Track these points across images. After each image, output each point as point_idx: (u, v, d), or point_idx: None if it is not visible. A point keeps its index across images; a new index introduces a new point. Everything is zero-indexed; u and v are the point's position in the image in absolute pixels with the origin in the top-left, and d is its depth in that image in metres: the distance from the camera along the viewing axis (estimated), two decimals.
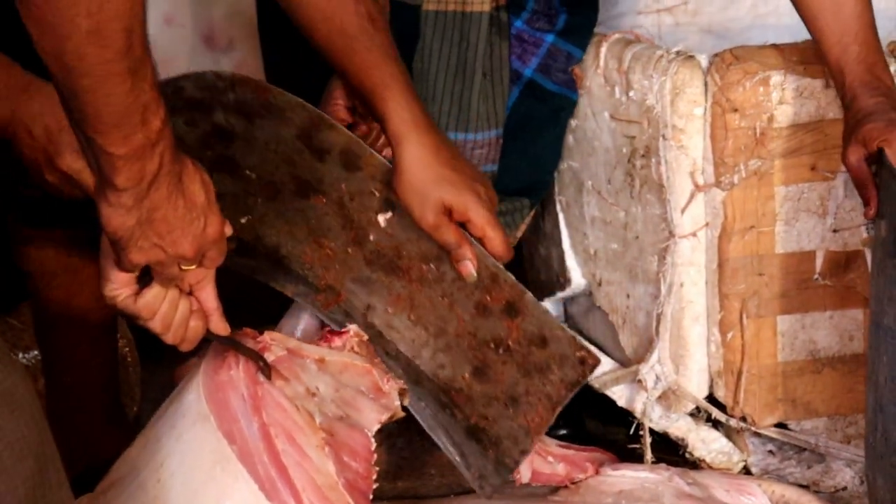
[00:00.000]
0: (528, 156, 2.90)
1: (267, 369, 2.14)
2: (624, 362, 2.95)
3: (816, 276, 2.75)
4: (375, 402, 2.20)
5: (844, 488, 2.78)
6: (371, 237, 2.23)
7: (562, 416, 2.95)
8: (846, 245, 2.74)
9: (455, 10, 2.73)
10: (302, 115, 2.20)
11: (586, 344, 2.28)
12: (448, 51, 2.75)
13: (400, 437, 2.48)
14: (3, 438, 1.62)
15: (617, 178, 2.89)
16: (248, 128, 2.19)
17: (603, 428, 3.03)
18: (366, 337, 2.23)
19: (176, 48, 3.54)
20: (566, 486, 2.53)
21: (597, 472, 2.56)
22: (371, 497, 2.16)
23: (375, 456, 2.17)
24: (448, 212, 2.25)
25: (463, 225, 2.28)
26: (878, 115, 2.39)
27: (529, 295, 2.26)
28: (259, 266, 2.23)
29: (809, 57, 2.66)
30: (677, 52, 2.74)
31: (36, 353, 2.83)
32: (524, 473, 2.44)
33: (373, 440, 2.17)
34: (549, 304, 3.15)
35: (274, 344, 2.20)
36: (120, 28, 1.58)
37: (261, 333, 2.21)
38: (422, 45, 2.77)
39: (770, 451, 2.83)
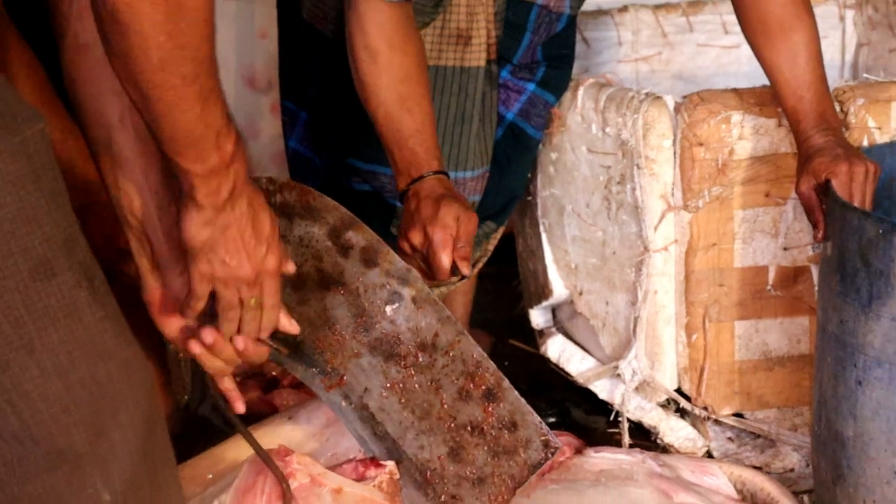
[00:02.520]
0: (500, 187, 2.87)
1: (289, 496, 2.09)
2: (603, 360, 2.96)
3: (769, 287, 2.74)
4: None
5: (792, 470, 2.77)
6: (377, 325, 2.19)
7: (550, 405, 2.97)
8: (795, 261, 2.73)
9: (454, 66, 2.70)
10: (335, 215, 2.17)
11: (549, 431, 2.23)
12: (448, 101, 2.71)
13: None
14: (121, 400, 1.63)
15: (594, 203, 2.88)
16: (287, 226, 2.16)
17: (586, 416, 2.99)
18: (397, 476, 2.17)
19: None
20: (553, 467, 2.45)
21: (575, 454, 2.51)
22: None
23: None
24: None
25: None
26: (826, 151, 2.39)
27: (507, 382, 2.21)
28: (274, 351, 2.15)
29: (765, 100, 2.66)
30: (647, 94, 2.74)
31: None
32: None
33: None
34: (538, 312, 3.16)
35: (299, 470, 2.14)
36: (188, 57, 1.58)
37: (290, 453, 2.17)
38: None
39: (729, 438, 2.82)
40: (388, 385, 2.19)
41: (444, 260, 2.30)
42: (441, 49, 2.69)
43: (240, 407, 2.03)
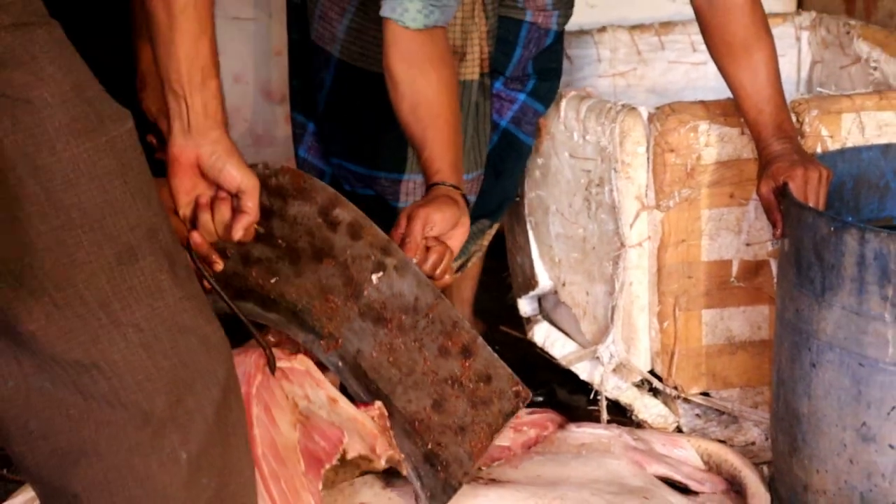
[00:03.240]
0: (495, 188, 2.88)
1: (272, 364, 2.10)
2: (584, 344, 2.96)
3: (733, 279, 2.75)
4: (364, 447, 2.15)
5: (753, 443, 2.78)
6: (365, 293, 2.19)
7: (537, 386, 2.87)
8: (756, 256, 2.74)
9: None
10: (323, 195, 2.19)
11: (520, 381, 2.22)
12: None
13: None
14: (199, 371, 1.67)
15: (576, 203, 2.89)
16: (283, 206, 2.18)
17: (569, 395, 2.99)
18: (386, 413, 2.17)
19: (242, 101, 3.52)
20: (539, 440, 2.51)
21: (558, 429, 2.54)
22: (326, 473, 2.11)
23: (343, 447, 2.10)
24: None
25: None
26: (784, 157, 2.39)
27: (481, 339, 2.21)
28: (280, 319, 2.19)
29: (729, 111, 2.67)
30: (623, 105, 2.75)
31: None
32: (515, 449, 2.45)
33: (346, 438, 2.10)
34: (525, 301, 3.16)
35: (298, 362, 2.16)
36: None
37: (297, 354, 2.17)
38: None
39: (696, 415, 2.83)
40: (378, 346, 2.20)
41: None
42: None
43: (217, 266, 2.07)
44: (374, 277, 2.20)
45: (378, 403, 2.17)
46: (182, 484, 1.66)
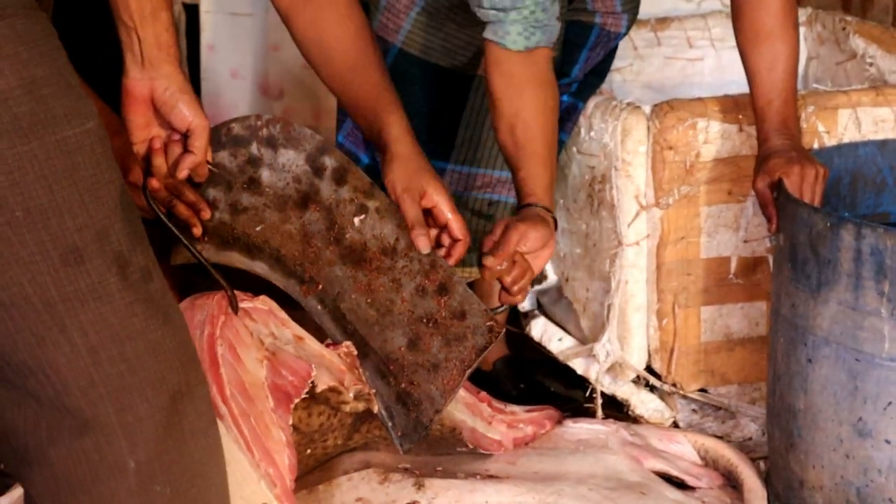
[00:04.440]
0: None
1: (235, 304, 2.09)
2: (583, 340, 2.96)
3: (731, 276, 2.75)
4: (333, 379, 2.13)
5: (750, 439, 2.79)
6: (347, 236, 2.22)
7: (533, 381, 2.91)
8: (754, 252, 2.75)
9: None
10: (313, 142, 2.22)
11: (494, 317, 2.23)
12: None
13: None
14: (148, 378, 1.65)
15: (581, 199, 2.90)
16: (273, 155, 2.21)
17: (565, 390, 2.98)
18: (355, 353, 2.18)
19: (239, 96, 3.52)
20: (536, 437, 2.52)
21: (556, 425, 2.55)
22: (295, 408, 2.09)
23: (312, 381, 2.07)
24: (421, 196, 2.23)
25: (431, 212, 2.26)
26: (781, 153, 2.40)
27: (458, 276, 2.23)
28: (263, 266, 2.21)
29: (727, 108, 2.68)
30: (628, 103, 2.75)
31: None
32: (507, 445, 2.46)
33: (314, 370, 2.08)
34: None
35: (260, 302, 2.15)
36: None
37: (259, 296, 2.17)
38: (472, 103, 2.75)
39: (693, 410, 2.83)
40: (356, 287, 2.22)
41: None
42: None
43: (197, 230, 2.07)
44: (357, 220, 2.23)
45: (347, 343, 2.19)
46: (131, 492, 1.65)
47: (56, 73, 1.60)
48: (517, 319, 3.18)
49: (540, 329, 3.09)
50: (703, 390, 2.82)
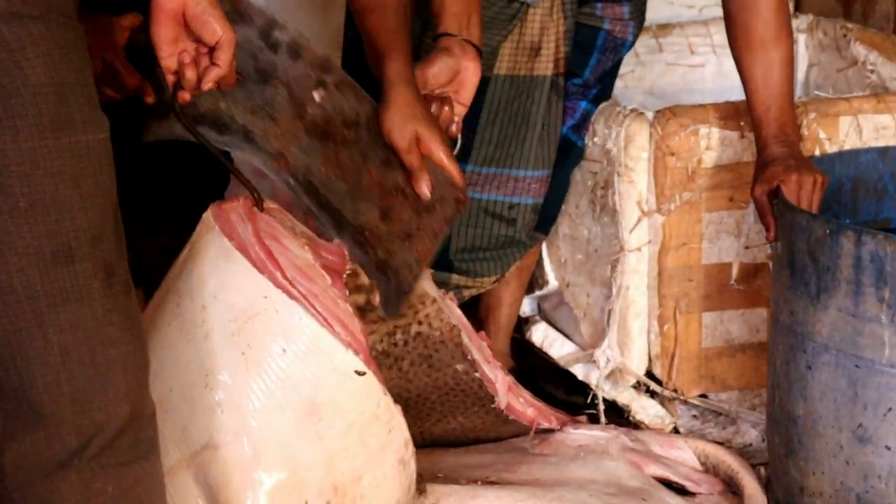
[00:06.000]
0: (549, 196, 2.87)
1: (260, 201, 2.12)
2: (583, 346, 2.96)
3: (732, 282, 2.76)
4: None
5: (750, 444, 2.78)
6: (309, 111, 2.22)
7: (533, 386, 2.93)
8: (755, 259, 2.75)
9: (525, 74, 2.73)
10: (262, 17, 2.22)
11: (461, 188, 2.24)
12: (516, 105, 2.74)
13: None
14: (113, 385, 1.67)
15: (583, 204, 2.90)
16: None
17: (566, 396, 2.94)
18: (346, 252, 2.20)
19: None
20: (539, 441, 2.51)
21: (561, 427, 2.55)
22: (346, 286, 2.13)
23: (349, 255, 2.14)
24: (417, 141, 2.22)
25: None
26: (780, 161, 2.40)
27: None
28: (233, 140, 2.23)
29: (729, 114, 2.68)
30: (631, 110, 2.76)
31: None
32: (501, 400, 2.44)
33: (345, 248, 2.16)
34: (525, 301, 3.13)
35: (275, 208, 2.18)
36: None
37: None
38: (489, 101, 2.75)
39: (694, 416, 2.84)
40: (325, 161, 2.24)
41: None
42: (516, 60, 2.73)
43: (185, 96, 2.03)
44: (317, 95, 2.24)
45: (336, 241, 2.21)
46: (73, 490, 1.66)
47: (82, 82, 1.65)
48: (518, 325, 3.16)
49: (541, 334, 3.10)
50: (703, 396, 2.83)
